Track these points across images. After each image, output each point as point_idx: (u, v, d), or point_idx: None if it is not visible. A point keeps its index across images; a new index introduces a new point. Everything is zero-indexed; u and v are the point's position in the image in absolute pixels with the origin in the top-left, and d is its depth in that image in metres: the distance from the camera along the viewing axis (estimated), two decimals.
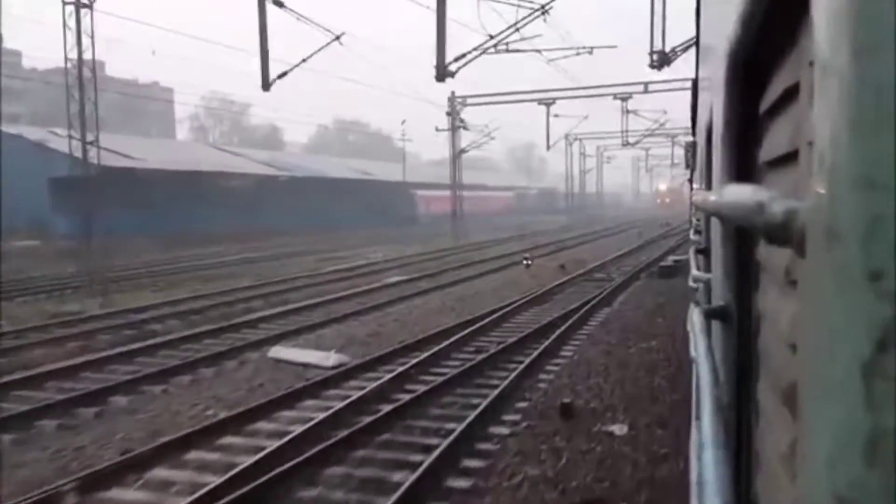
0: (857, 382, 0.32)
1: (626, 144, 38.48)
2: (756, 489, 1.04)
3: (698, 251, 3.65)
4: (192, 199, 38.39)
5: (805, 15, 0.62)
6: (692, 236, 5.53)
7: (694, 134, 6.67)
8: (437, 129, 36.59)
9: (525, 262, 19.87)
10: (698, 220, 4.99)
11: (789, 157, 0.82)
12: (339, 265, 25.11)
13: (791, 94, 0.82)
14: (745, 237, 1.25)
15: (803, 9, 0.60)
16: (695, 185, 5.56)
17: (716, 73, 1.52)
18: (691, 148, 7.42)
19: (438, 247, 32.25)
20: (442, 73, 18.06)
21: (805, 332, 0.44)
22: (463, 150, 36.97)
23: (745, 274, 1.27)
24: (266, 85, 19.66)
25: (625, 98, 34.66)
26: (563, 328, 12.11)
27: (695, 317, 1.57)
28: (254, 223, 42.20)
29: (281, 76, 20.04)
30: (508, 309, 14.08)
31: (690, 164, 7.85)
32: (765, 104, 1.05)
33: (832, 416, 0.34)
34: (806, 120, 0.63)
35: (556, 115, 35.58)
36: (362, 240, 38.78)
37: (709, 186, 2.32)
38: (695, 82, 5.63)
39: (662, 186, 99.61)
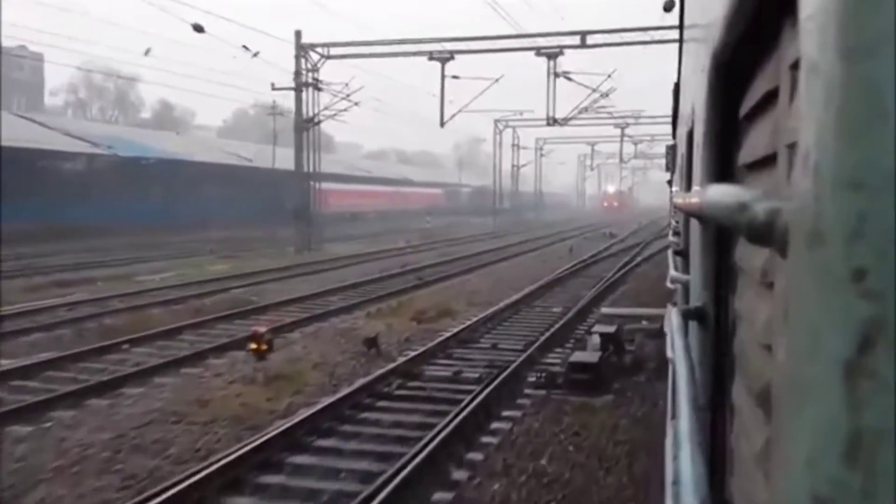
0: (839, 382, 0.31)
1: (552, 123, 27.69)
2: (731, 488, 1.04)
3: (677, 252, 3.65)
4: None
5: (787, 19, 0.66)
6: (671, 238, 5.23)
7: (674, 136, 7.03)
8: (273, 87, 25.13)
9: (252, 347, 8.45)
10: (677, 221, 4.89)
11: (768, 160, 0.83)
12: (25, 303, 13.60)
13: (771, 97, 0.83)
14: (723, 239, 1.27)
15: (786, 13, 0.65)
16: (674, 188, 5.46)
17: (698, 77, 1.54)
18: (672, 150, 7.49)
19: (265, 265, 20.93)
20: None
21: (786, 332, 0.44)
22: (310, 120, 25.59)
23: (722, 276, 1.29)
24: None
25: (552, 55, 23.85)
26: None
27: (672, 317, 1.61)
28: (39, 216, 30.14)
29: None
30: None
31: (671, 167, 8.03)
32: (745, 107, 1.07)
33: (813, 415, 0.34)
34: (785, 123, 0.66)
35: (454, 77, 24.73)
36: (193, 246, 27.35)
37: (689, 189, 2.29)
38: (676, 85, 5.72)
39: (610, 189, 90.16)
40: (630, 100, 40.36)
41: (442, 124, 26.02)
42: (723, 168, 1.24)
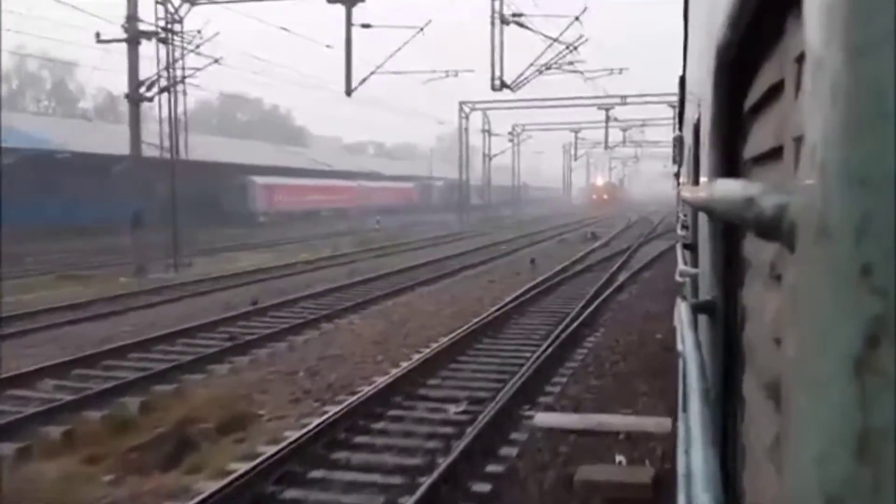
0: (848, 378, 0.31)
1: (499, 88, 20.48)
2: (742, 482, 1.04)
3: (685, 246, 3.65)
4: None
5: (791, 11, 0.66)
6: (679, 231, 5.15)
7: (681, 128, 6.98)
8: (98, 39, 18.00)
9: None
10: (685, 215, 4.84)
11: (774, 154, 0.83)
12: None
13: (776, 90, 0.83)
14: (732, 232, 1.27)
15: (790, 5, 0.65)
16: (682, 180, 5.59)
17: (704, 71, 1.54)
18: (678, 142, 7.82)
19: (57, 299, 13.97)
20: None
21: (795, 327, 0.44)
22: (151, 84, 18.43)
23: (731, 269, 1.28)
24: None
25: None
26: None
27: (682, 311, 1.65)
28: None
29: None
30: None
31: (677, 159, 8.07)
32: (750, 101, 1.07)
33: (823, 412, 0.34)
34: (790, 116, 0.66)
35: (364, 25, 17.88)
36: (52, 259, 20.57)
37: (696, 182, 2.30)
38: (682, 79, 5.70)
39: (599, 181, 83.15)
40: (607, 58, 33.36)
41: (348, 92, 19.02)
42: (729, 162, 1.24)
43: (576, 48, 21.22)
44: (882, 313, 0.30)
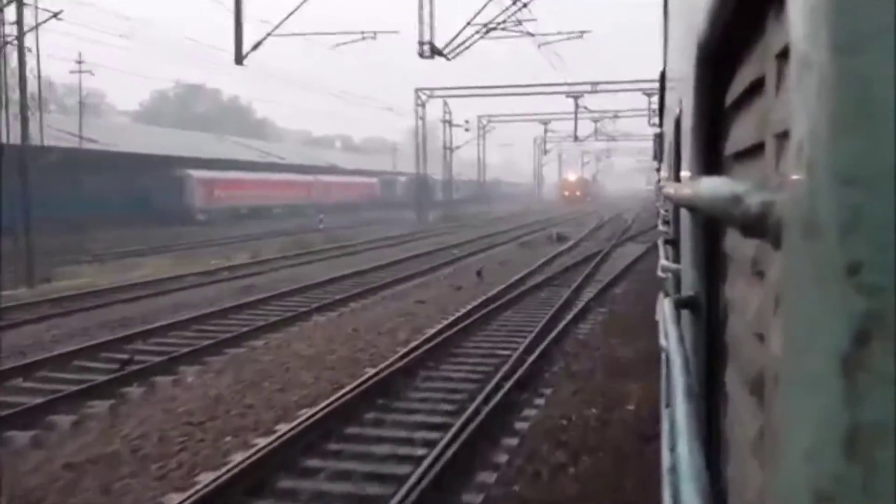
0: (836, 376, 0.31)
1: (428, 55, 16.59)
2: (726, 476, 1.05)
3: (667, 242, 3.58)
4: None
5: (772, 8, 0.66)
6: (660, 227, 5.16)
7: (661, 125, 6.96)
8: None
9: None
10: (666, 210, 4.78)
11: (755, 150, 0.84)
12: None
13: (756, 86, 0.83)
14: (713, 228, 1.26)
15: (772, 1, 0.65)
16: (663, 176, 5.59)
17: (684, 67, 1.56)
18: (659, 139, 7.57)
19: None
20: None
21: (781, 324, 0.44)
22: None
23: (713, 264, 1.28)
24: None
25: None
26: None
27: (665, 306, 1.58)
28: None
29: None
30: None
31: (658, 156, 7.92)
32: (730, 97, 1.07)
33: (811, 409, 0.34)
34: (771, 112, 0.67)
35: None
36: None
37: (677, 177, 2.33)
38: (662, 74, 5.71)
39: (571, 177, 79.84)
40: (569, 22, 30.00)
41: (239, 60, 15.21)
42: (710, 158, 1.23)
43: (525, 5, 17.39)
44: (870, 311, 0.30)
